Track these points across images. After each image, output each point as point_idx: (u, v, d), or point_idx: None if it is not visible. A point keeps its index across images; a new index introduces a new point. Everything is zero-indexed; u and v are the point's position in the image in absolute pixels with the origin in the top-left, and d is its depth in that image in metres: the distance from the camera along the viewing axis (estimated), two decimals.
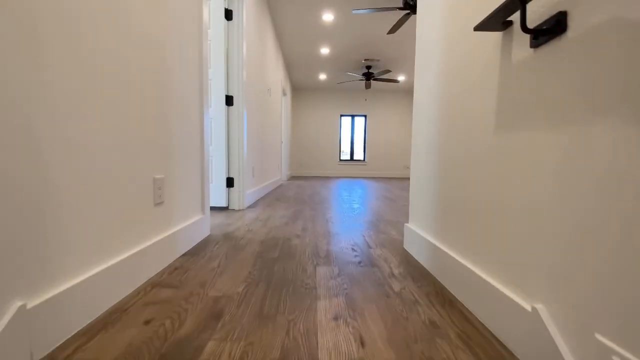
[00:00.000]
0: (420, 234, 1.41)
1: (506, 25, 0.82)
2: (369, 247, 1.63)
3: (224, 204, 2.70)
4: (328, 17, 4.40)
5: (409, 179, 8.25)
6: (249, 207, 2.89)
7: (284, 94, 6.66)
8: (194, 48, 1.61)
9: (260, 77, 3.68)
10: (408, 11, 3.59)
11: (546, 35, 0.68)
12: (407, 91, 9.03)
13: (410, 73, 7.15)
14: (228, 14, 2.64)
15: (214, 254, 1.46)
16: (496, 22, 0.79)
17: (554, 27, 0.65)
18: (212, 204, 2.70)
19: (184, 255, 1.45)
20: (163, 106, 1.29)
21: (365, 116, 9.21)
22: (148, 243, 1.16)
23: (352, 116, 9.26)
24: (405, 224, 1.62)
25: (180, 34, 1.43)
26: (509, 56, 0.82)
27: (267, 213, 2.58)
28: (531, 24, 0.73)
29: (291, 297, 1.02)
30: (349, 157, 9.37)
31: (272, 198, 3.58)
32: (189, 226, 1.55)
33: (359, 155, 9.39)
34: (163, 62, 1.28)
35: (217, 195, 2.69)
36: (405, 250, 1.58)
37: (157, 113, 1.24)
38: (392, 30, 4.09)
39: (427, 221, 1.37)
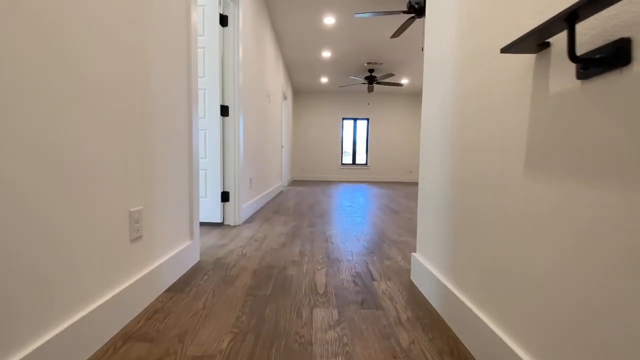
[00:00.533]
0: (429, 270, 1.26)
1: (542, 47, 0.67)
2: (373, 278, 1.48)
3: (218, 220, 2.56)
4: (329, 20, 4.26)
5: (412, 183, 8.23)
6: (246, 222, 2.75)
7: (285, 98, 6.53)
8: (181, 56, 1.47)
9: (259, 84, 3.55)
10: (413, 15, 3.44)
11: (600, 66, 0.53)
12: (411, 94, 8.87)
13: (413, 76, 6.99)
14: (223, 20, 2.51)
15: (200, 289, 1.32)
16: (530, 43, 0.65)
17: (613, 57, 0.51)
18: (207, 220, 2.57)
19: (168, 290, 1.31)
20: (144, 123, 1.15)
21: (367, 119, 9.07)
22: (121, 287, 1.03)
23: (355, 119, 9.11)
24: (413, 254, 1.48)
25: (164, 42, 1.30)
26: (544, 85, 0.67)
27: (263, 230, 2.44)
28: (579, 49, 0.59)
29: (282, 358, 0.88)
30: (351, 161, 9.23)
31: (270, 210, 3.44)
32: (175, 256, 1.41)
33: (361, 159, 9.24)
34: (145, 75, 1.14)
35: (212, 210, 2.56)
36: (413, 283, 1.44)
37: (137, 133, 1.10)
38: (396, 34, 3.94)
39: (437, 254, 1.22)
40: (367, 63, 6.11)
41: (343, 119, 9.06)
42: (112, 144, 0.98)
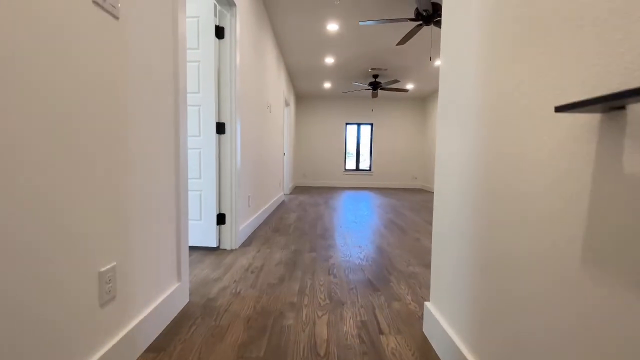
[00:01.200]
0: (446, 332, 1.10)
1: (614, 108, 0.51)
2: (380, 331, 1.32)
3: (214, 244, 2.41)
4: (332, 27, 4.10)
5: (417, 190, 7.86)
6: (243, 244, 2.59)
7: (287, 104, 6.38)
8: (167, 71, 1.32)
9: (259, 95, 3.39)
10: (420, 22, 3.28)
11: None
12: (416, 98, 8.69)
13: (419, 81, 6.81)
14: (219, 32, 2.36)
15: (186, 347, 1.17)
16: (600, 107, 0.48)
17: None
18: (201, 244, 2.42)
19: (149, 349, 1.16)
20: (118, 155, 1.00)
21: (371, 124, 8.89)
22: None
23: (358, 124, 8.94)
24: (426, 304, 1.31)
25: (146, 57, 1.14)
26: (615, 157, 0.51)
27: (261, 257, 2.28)
28: None
29: None
30: (354, 167, 9.06)
31: (270, 227, 3.29)
32: (159, 306, 1.26)
33: (365, 164, 9.07)
34: (116, 101, 0.99)
35: (207, 234, 2.41)
36: (426, 338, 1.27)
37: (107, 176, 0.95)
38: (402, 41, 3.78)
39: (455, 314, 1.06)
40: (372, 69, 5.94)
41: (346, 124, 8.90)
42: (73, 190, 0.83)
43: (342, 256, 2.33)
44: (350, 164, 9.08)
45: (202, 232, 2.41)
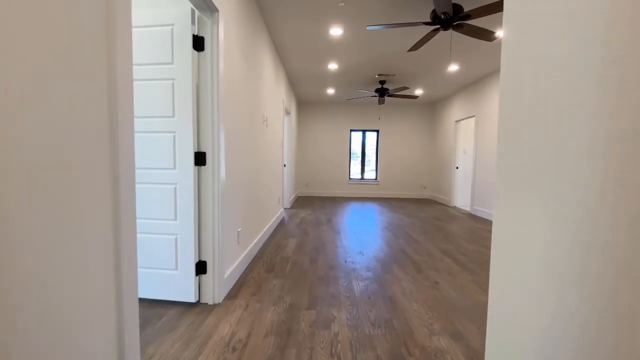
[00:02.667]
0: None
1: None
2: None
3: (192, 299, 2.00)
4: (336, 31, 3.67)
5: (426, 200, 6.82)
6: (229, 296, 2.17)
7: (287, 113, 5.97)
8: (90, 89, 0.91)
9: (253, 110, 2.98)
10: (437, 27, 2.84)
11: None
12: (425, 103, 8.22)
13: (429, 86, 6.35)
14: (198, 43, 1.94)
15: None
16: None
17: None
18: (177, 299, 2.00)
19: None
20: None
21: (377, 131, 8.44)
22: None
23: (363, 131, 8.50)
24: None
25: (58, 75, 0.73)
26: None
27: (248, 319, 1.86)
28: None
29: None
30: (359, 176, 8.61)
31: (264, 265, 2.87)
32: None
33: (370, 173, 8.62)
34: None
35: (184, 286, 1.99)
36: None
37: None
38: (415, 47, 3.34)
39: None
40: (378, 74, 5.50)
41: (351, 130, 8.46)
42: None
43: (348, 318, 1.90)
44: (355, 172, 8.64)
45: (179, 285, 2.00)
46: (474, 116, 6.06)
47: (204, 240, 2.05)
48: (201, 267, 2.04)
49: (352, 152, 8.57)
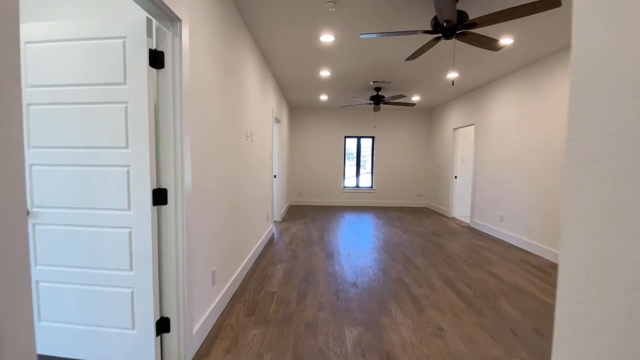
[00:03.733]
0: None
1: None
2: None
3: None
4: (327, 38, 3.36)
5: (423, 209, 6.08)
6: (198, 355, 1.85)
7: (278, 121, 5.64)
8: None
9: (234, 126, 2.66)
10: (439, 35, 2.54)
11: None
12: (421, 109, 7.94)
13: (427, 93, 6.07)
14: (157, 59, 1.62)
15: None
16: None
17: None
18: None
19: None
20: None
21: (372, 138, 8.15)
22: None
23: (358, 137, 8.20)
24: None
25: None
26: None
27: None
28: None
29: None
30: (354, 184, 8.31)
31: (244, 305, 2.55)
32: None
33: (365, 181, 8.33)
34: None
35: (141, 348, 1.67)
36: None
37: None
38: (413, 56, 3.04)
39: None
40: (373, 82, 5.20)
41: (345, 137, 8.15)
42: None
43: None
44: (350, 180, 8.33)
45: (136, 347, 1.67)
46: (473, 124, 5.79)
47: (166, 294, 1.72)
48: (163, 325, 1.72)
49: (346, 159, 8.26)
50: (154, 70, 1.63)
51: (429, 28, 2.94)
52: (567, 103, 3.29)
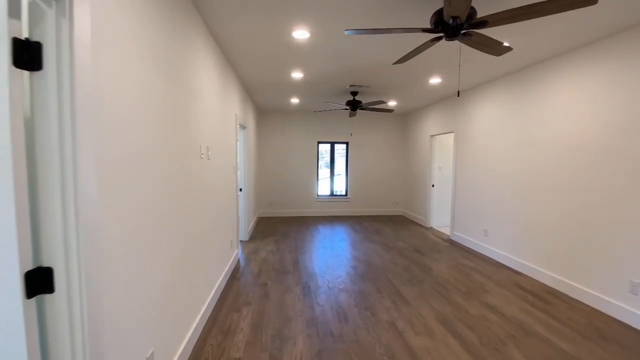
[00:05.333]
0: None
1: None
2: None
3: None
4: (301, 34, 2.79)
5: (399, 218, 5.44)
6: None
7: (243, 127, 4.98)
8: None
9: (184, 144, 2.01)
10: (441, 35, 2.08)
11: None
12: (397, 114, 7.62)
13: (403, 98, 5.71)
14: (28, 54, 0.96)
15: None
16: None
17: None
18: None
19: None
20: None
21: (347, 143, 7.70)
22: None
23: (332, 143, 7.71)
24: None
25: None
26: None
27: None
28: None
29: None
30: (328, 192, 7.82)
31: None
32: None
33: (340, 189, 7.87)
34: None
35: None
36: None
37: None
38: (404, 59, 2.57)
39: None
40: (350, 85, 4.72)
41: (318, 142, 7.63)
42: None
43: None
44: (324, 188, 7.83)
45: None
46: (453, 132, 5.52)
47: None
48: None
49: (320, 166, 7.74)
50: (23, 72, 0.97)
51: (429, 26, 2.49)
52: (563, 112, 2.90)
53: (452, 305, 2.93)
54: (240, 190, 5.14)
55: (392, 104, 6.22)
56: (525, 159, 3.79)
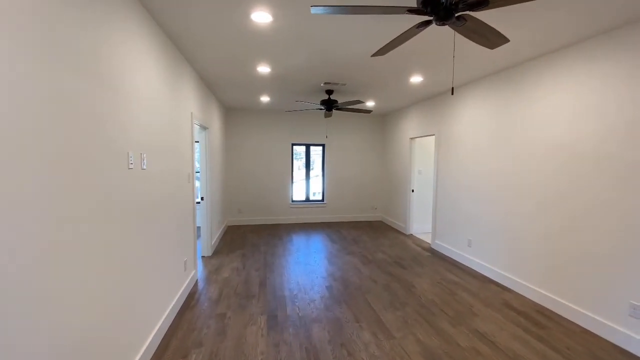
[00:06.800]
0: None
1: None
2: None
3: None
4: (262, 16, 2.31)
5: (378, 223, 5.01)
6: None
7: (204, 128, 4.41)
8: None
9: (105, 148, 1.48)
10: (430, 18, 1.67)
11: None
12: (376, 115, 7.27)
13: (381, 97, 5.34)
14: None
15: None
16: None
17: None
18: None
19: None
20: None
21: (323, 145, 7.27)
22: None
23: (307, 145, 7.25)
24: None
25: None
26: None
27: None
28: None
29: None
30: (304, 197, 7.35)
31: None
32: None
33: (316, 194, 7.42)
34: None
35: None
36: None
37: None
38: (385, 49, 2.15)
39: None
40: (325, 83, 4.28)
41: (293, 144, 7.14)
42: None
43: None
44: (299, 193, 7.35)
45: None
46: (434, 134, 5.22)
47: None
48: None
49: (294, 169, 7.26)
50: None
51: (415, 5, 2.07)
52: (550, 115, 2.52)
53: (439, 335, 2.55)
54: (202, 199, 4.56)
55: (370, 104, 5.85)
56: (509, 163, 3.50)
